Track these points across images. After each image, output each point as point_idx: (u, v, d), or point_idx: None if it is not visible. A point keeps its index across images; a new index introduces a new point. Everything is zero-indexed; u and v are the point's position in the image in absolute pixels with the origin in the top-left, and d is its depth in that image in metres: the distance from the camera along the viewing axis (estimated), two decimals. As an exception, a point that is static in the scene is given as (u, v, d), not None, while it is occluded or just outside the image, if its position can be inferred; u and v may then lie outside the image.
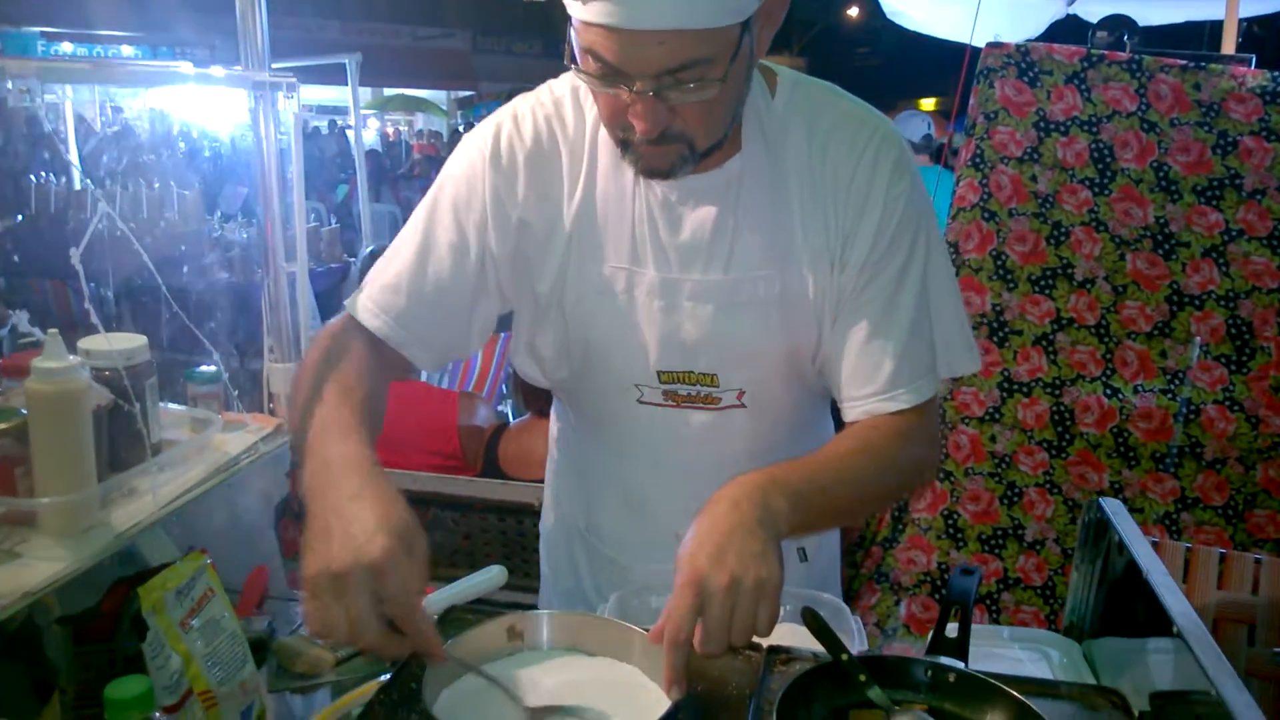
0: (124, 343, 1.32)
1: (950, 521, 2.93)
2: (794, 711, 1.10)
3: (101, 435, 1.27)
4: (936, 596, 2.93)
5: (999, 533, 2.93)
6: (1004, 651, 1.41)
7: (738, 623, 1.03)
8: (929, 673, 1.16)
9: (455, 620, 1.33)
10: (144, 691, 0.98)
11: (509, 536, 2.99)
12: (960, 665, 1.16)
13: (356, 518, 0.99)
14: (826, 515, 1.23)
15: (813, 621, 1.18)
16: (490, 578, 1.54)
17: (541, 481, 2.77)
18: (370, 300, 1.32)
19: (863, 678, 1.13)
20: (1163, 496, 2.89)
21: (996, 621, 2.91)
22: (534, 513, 2.75)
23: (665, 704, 1.09)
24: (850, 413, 1.31)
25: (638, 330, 1.35)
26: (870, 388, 1.29)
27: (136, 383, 1.32)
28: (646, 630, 1.16)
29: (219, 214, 5.54)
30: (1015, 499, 2.92)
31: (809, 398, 1.45)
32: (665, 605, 1.07)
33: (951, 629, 1.22)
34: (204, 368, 1.54)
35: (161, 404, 1.49)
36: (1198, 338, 2.87)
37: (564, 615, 1.21)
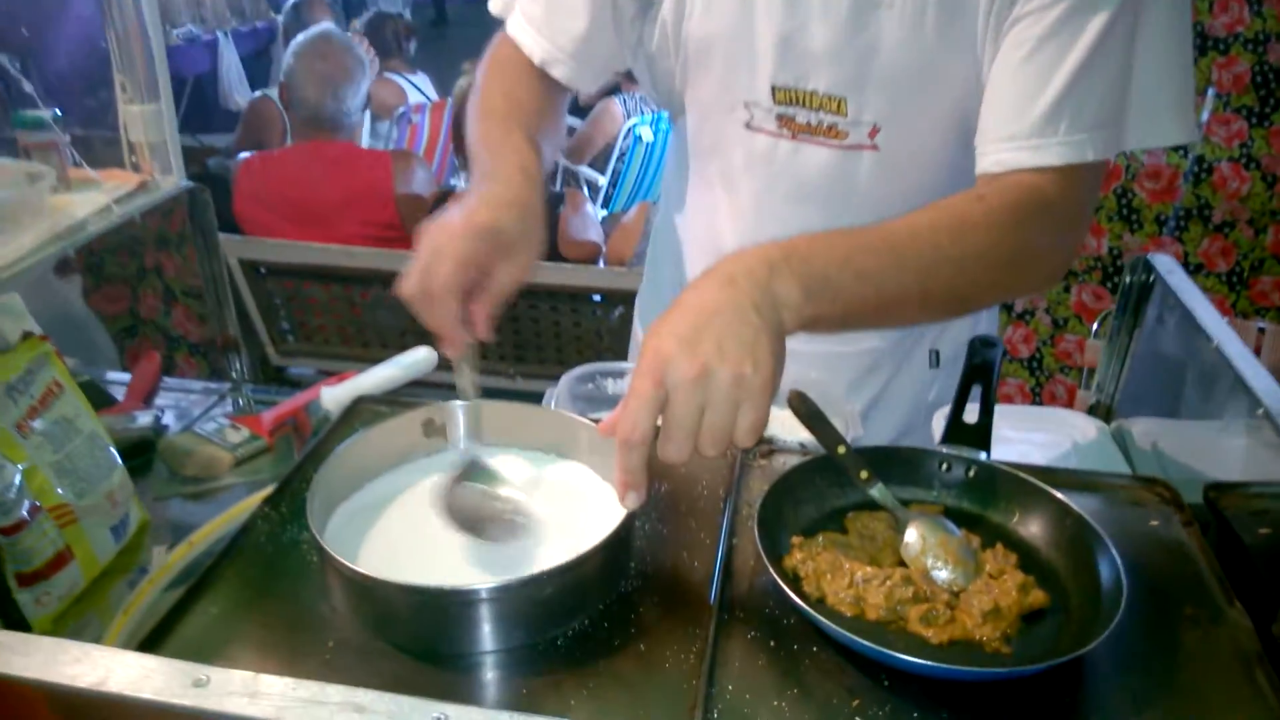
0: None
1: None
2: (779, 516, 0.88)
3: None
4: (917, 371, 2.77)
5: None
6: (1021, 434, 1.21)
7: (709, 426, 0.77)
8: (944, 466, 0.95)
9: (363, 412, 1.09)
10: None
11: (522, 323, 2.75)
12: (981, 456, 0.95)
13: (483, 191, 0.95)
14: (866, 311, 0.88)
15: (801, 406, 0.95)
16: (415, 361, 1.30)
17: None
18: (521, 15, 1.17)
19: (864, 474, 0.91)
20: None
21: (979, 396, 2.76)
22: (531, 293, 2.53)
23: (620, 510, 0.88)
24: (980, 162, 0.98)
25: (753, 27, 1.06)
26: (1011, 128, 0.95)
27: (-78, 120, 1.00)
28: (596, 422, 0.93)
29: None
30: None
31: (971, 157, 1.02)
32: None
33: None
34: (35, 111, 1.21)
35: (-14, 156, 1.18)
36: (1211, 88, 2.58)
37: (493, 405, 0.97)
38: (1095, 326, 2.67)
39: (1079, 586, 0.83)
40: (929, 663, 0.72)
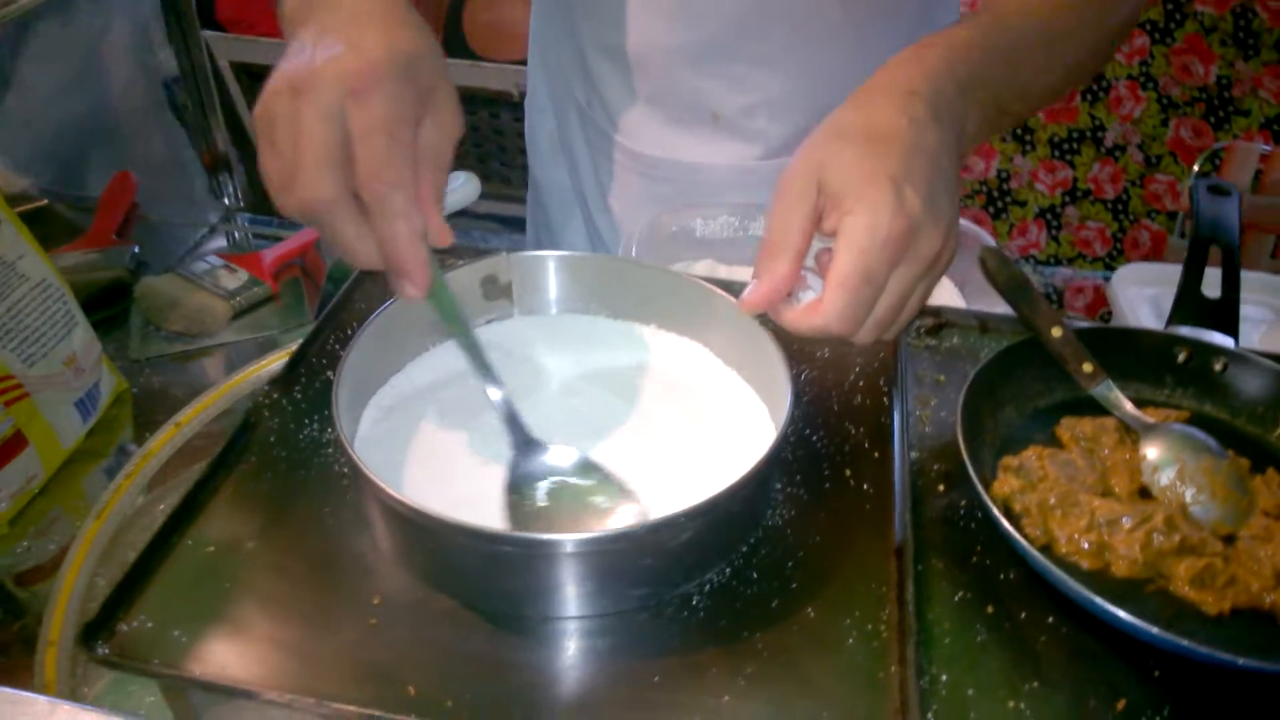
0: None
1: (1016, 122, 2.40)
2: (978, 424, 0.65)
3: None
4: (990, 210, 2.49)
5: (1075, 135, 2.41)
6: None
7: (912, 308, 0.59)
8: (1183, 356, 0.71)
9: (397, 262, 0.84)
10: None
11: (483, 134, 2.45)
12: (1230, 343, 0.71)
13: (349, 34, 0.54)
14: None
15: (999, 270, 0.71)
16: (453, 190, 1.03)
17: (523, 63, 2.18)
18: None
19: (1088, 367, 0.67)
20: (1276, 96, 2.36)
21: (1056, 240, 2.50)
22: (513, 103, 2.19)
23: (763, 418, 0.65)
24: None
25: None
26: None
27: None
28: (717, 289, 0.68)
29: None
30: (1100, 94, 2.38)
31: None
32: (791, 240, 0.57)
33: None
34: None
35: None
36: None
37: (581, 258, 0.72)
38: (1195, 167, 2.38)
39: (1392, 532, 0.61)
40: (1242, 660, 0.50)
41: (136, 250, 1.10)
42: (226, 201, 1.24)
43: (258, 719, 0.54)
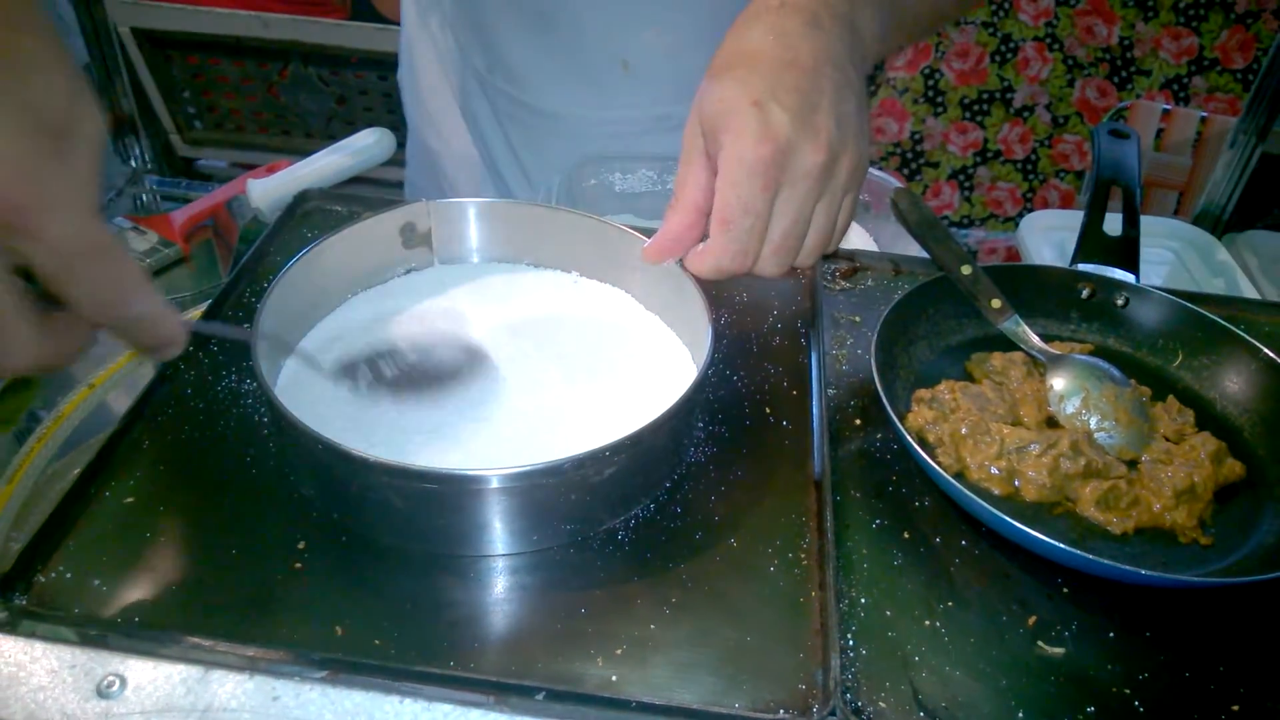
0: None
1: (931, 82, 2.45)
2: (891, 359, 0.67)
3: None
4: (905, 171, 2.53)
5: (985, 96, 2.47)
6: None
7: (819, 229, 0.58)
8: (1087, 292, 0.74)
9: (312, 213, 0.83)
10: None
11: (395, 99, 2.41)
12: (1132, 279, 0.74)
13: None
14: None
15: (910, 210, 0.72)
16: (366, 146, 1.02)
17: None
18: None
19: (996, 303, 0.69)
20: (1176, 56, 2.44)
21: (969, 201, 2.56)
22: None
23: (685, 360, 0.65)
24: None
25: None
26: None
27: None
28: (639, 235, 0.68)
29: None
30: (1009, 55, 2.43)
31: None
32: (686, 192, 0.58)
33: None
34: None
35: None
36: None
37: (502, 205, 0.72)
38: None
39: (1274, 451, 0.65)
40: (1145, 572, 0.53)
41: None
42: (133, 164, 1.20)
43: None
